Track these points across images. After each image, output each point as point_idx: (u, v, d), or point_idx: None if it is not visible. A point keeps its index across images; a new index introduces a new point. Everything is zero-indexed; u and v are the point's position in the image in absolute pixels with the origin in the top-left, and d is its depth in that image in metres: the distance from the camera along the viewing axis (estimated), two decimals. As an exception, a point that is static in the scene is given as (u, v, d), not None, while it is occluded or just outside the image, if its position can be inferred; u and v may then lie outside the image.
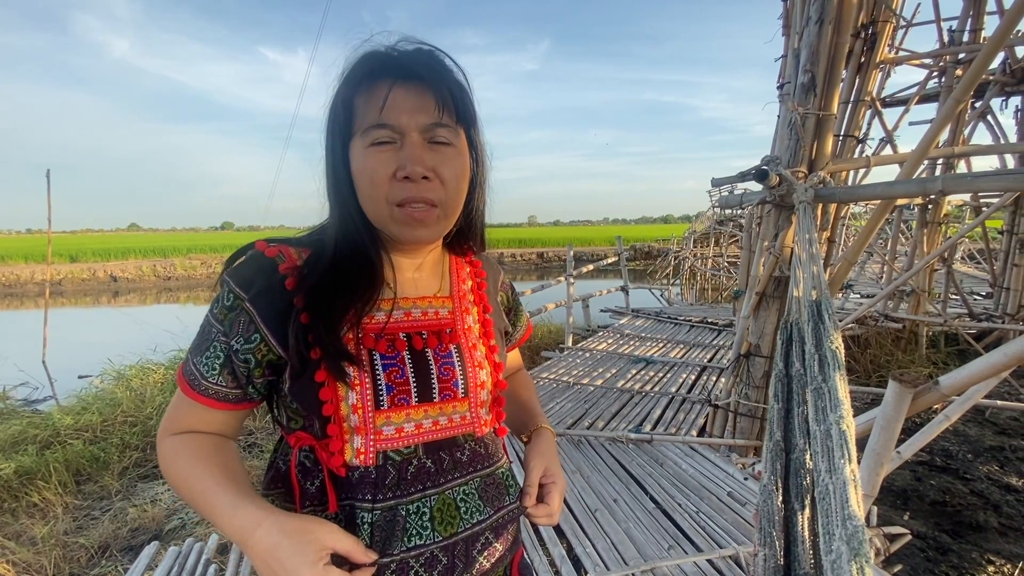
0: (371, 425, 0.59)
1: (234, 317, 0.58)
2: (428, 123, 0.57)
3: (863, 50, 3.83)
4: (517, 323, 0.85)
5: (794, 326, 1.36)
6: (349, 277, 0.60)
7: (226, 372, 0.59)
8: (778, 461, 1.09)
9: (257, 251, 0.60)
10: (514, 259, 31.75)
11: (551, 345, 6.21)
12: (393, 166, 0.57)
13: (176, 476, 0.58)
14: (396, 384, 0.60)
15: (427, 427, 0.62)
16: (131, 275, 21.88)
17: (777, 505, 1.00)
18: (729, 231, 11.88)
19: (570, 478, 2.56)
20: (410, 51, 0.59)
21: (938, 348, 5.62)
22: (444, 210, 0.60)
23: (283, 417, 0.63)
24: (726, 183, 3.06)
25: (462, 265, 0.75)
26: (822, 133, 2.46)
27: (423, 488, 0.61)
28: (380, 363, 0.60)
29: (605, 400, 3.87)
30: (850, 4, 2.41)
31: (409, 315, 0.65)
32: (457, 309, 0.69)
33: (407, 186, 0.57)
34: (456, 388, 0.64)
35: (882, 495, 2.86)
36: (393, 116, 0.56)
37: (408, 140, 0.57)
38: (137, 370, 4.62)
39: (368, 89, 0.58)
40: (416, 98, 0.57)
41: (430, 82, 0.58)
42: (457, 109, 0.59)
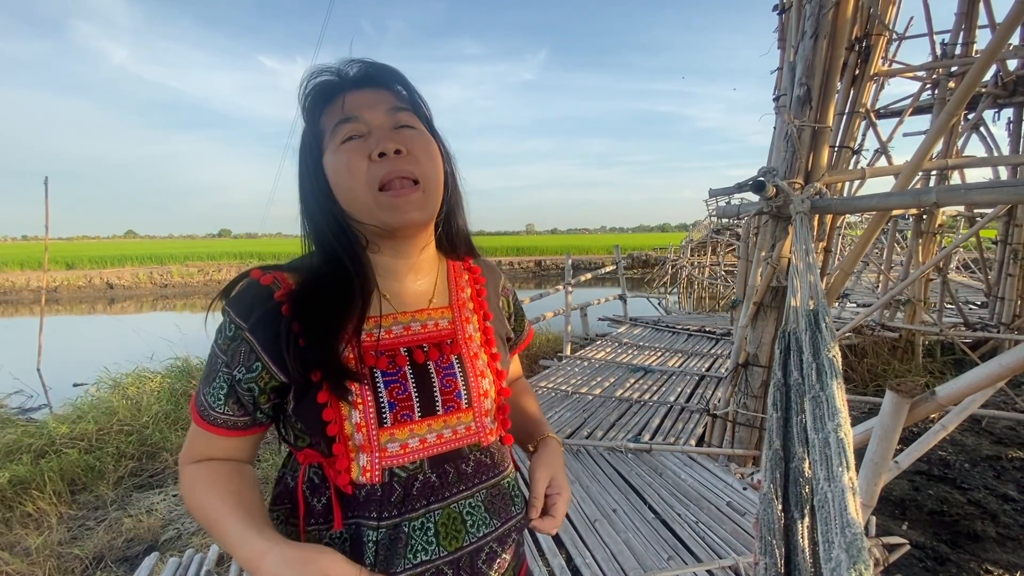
0: (376, 443, 0.59)
1: (235, 347, 0.59)
2: (389, 108, 0.61)
3: (857, 62, 3.89)
4: (518, 328, 0.84)
5: (792, 335, 1.37)
6: (339, 293, 0.60)
7: (231, 402, 0.60)
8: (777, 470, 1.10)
9: (253, 280, 0.61)
10: (512, 267, 31.77)
11: (549, 354, 6.20)
12: (367, 151, 0.59)
13: (194, 504, 0.59)
14: (398, 400, 0.61)
15: (432, 441, 0.63)
16: (127, 282, 21.80)
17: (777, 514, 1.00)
18: (726, 240, 11.94)
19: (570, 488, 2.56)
20: (355, 63, 0.64)
21: (934, 357, 5.65)
22: (425, 186, 0.61)
23: (290, 436, 0.64)
24: (724, 193, 3.08)
25: (460, 272, 0.75)
26: (818, 145, 2.49)
27: (427, 503, 0.62)
28: (381, 380, 0.60)
29: (604, 409, 3.87)
30: (844, 18, 2.45)
31: (408, 329, 0.65)
32: (457, 319, 0.69)
33: (384, 163, 0.59)
34: (459, 399, 0.65)
35: (880, 505, 2.86)
36: (355, 110, 0.61)
37: (375, 124, 0.61)
38: (133, 378, 4.60)
39: (328, 103, 0.62)
40: (372, 95, 0.62)
41: (379, 81, 0.63)
42: (412, 102, 0.65)
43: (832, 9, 2.39)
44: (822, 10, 2.37)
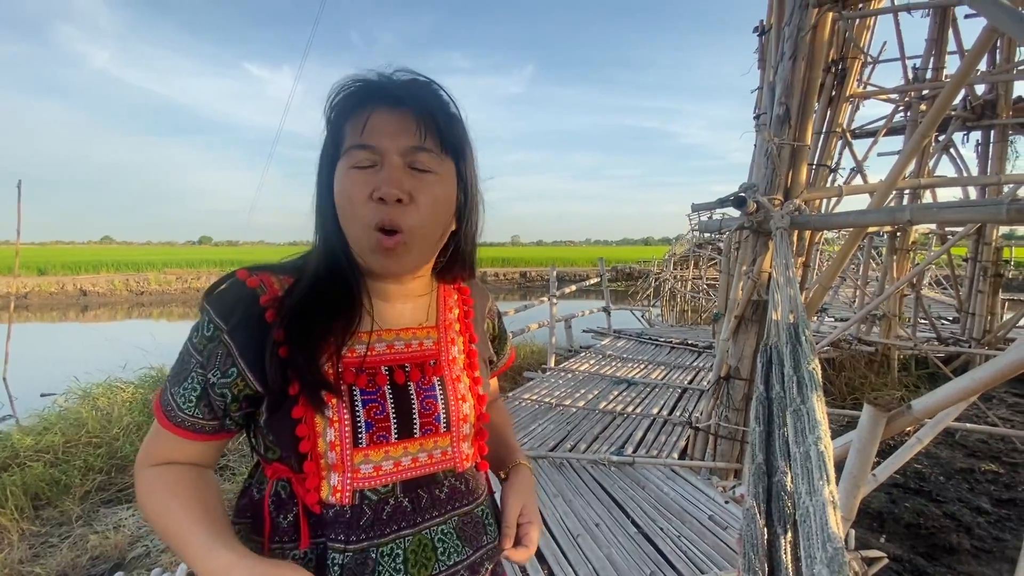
0: (349, 463, 0.57)
1: (212, 348, 0.56)
2: (409, 146, 0.56)
3: (834, 84, 4.02)
4: (501, 351, 0.83)
5: (773, 349, 1.38)
6: (329, 307, 0.59)
7: (203, 404, 0.57)
8: (760, 485, 1.10)
9: (239, 280, 0.59)
10: (497, 278, 31.78)
11: (534, 365, 6.19)
12: (370, 187, 0.56)
13: (151, 511, 0.56)
14: (376, 420, 0.59)
15: (406, 464, 0.61)
16: (102, 289, 21.23)
17: (760, 530, 1.00)
18: (708, 254, 12.12)
19: (552, 502, 2.53)
20: (401, 77, 0.59)
21: (909, 371, 5.77)
22: (415, 238, 0.58)
23: (260, 446, 0.62)
24: (706, 208, 3.13)
25: (450, 292, 0.73)
26: (797, 163, 2.55)
27: (398, 528, 0.59)
28: (360, 399, 0.58)
29: (587, 422, 3.86)
30: (821, 42, 2.53)
31: (392, 348, 0.63)
32: (442, 339, 0.68)
33: (380, 209, 0.56)
34: (438, 423, 0.63)
35: (859, 518, 2.88)
36: (374, 137, 0.56)
37: (387, 162, 0.56)
38: (104, 388, 4.45)
39: (354, 113, 0.57)
40: (398, 121, 0.56)
41: (414, 106, 0.57)
42: (443, 137, 0.58)
43: (809, 32, 2.47)
44: (800, 33, 2.44)
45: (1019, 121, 5.57)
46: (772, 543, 0.97)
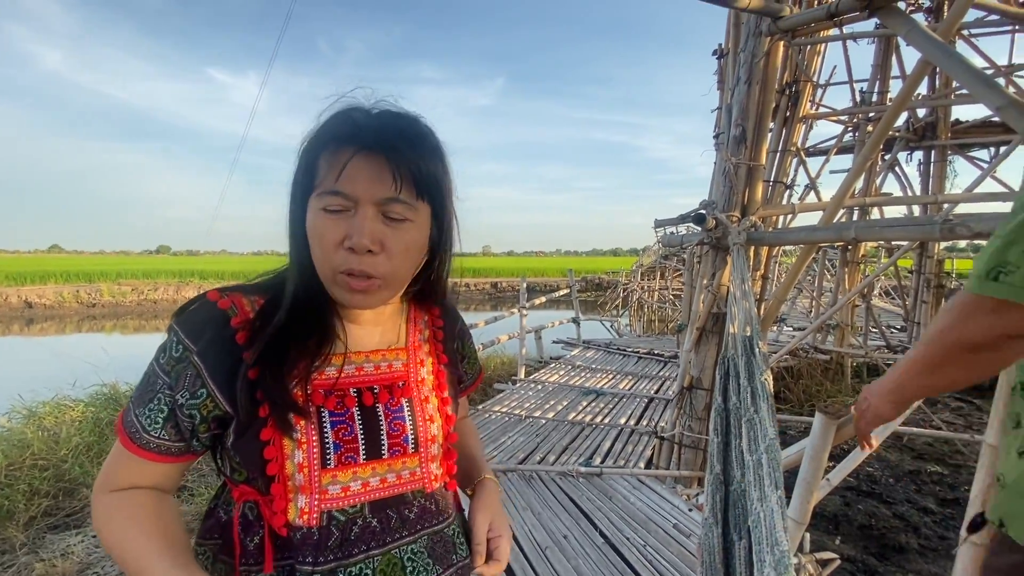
0: (317, 484, 0.58)
1: (181, 370, 0.56)
2: (383, 197, 0.56)
3: (788, 105, 4.23)
4: (470, 371, 0.84)
5: (731, 361, 1.44)
6: (301, 331, 0.59)
7: (170, 426, 0.57)
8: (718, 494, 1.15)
9: (209, 301, 0.59)
10: (468, 289, 31.67)
11: (504, 377, 6.20)
12: (342, 234, 0.56)
13: (110, 539, 0.55)
14: (344, 442, 0.60)
15: (374, 485, 0.62)
16: (49, 301, 20.10)
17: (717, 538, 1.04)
18: (673, 265, 12.43)
19: (520, 515, 2.54)
20: (385, 119, 0.58)
21: (861, 378, 6.05)
22: (386, 282, 0.59)
23: (227, 468, 0.62)
24: (668, 224, 3.23)
25: (420, 314, 0.74)
26: (753, 181, 2.67)
27: (367, 548, 0.60)
28: (328, 420, 0.59)
29: (556, 433, 3.89)
30: (774, 68, 2.67)
31: (361, 370, 0.64)
32: (411, 361, 0.69)
33: (351, 257, 0.56)
34: (406, 443, 0.64)
35: (815, 520, 3.00)
36: (348, 185, 0.55)
37: (360, 211, 0.56)
38: (51, 407, 4.22)
39: (332, 152, 0.57)
40: (375, 170, 0.56)
41: (393, 155, 0.56)
42: (419, 185, 0.58)
43: (763, 58, 2.61)
44: (754, 59, 2.58)
45: (957, 142, 5.98)
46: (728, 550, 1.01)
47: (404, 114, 0.61)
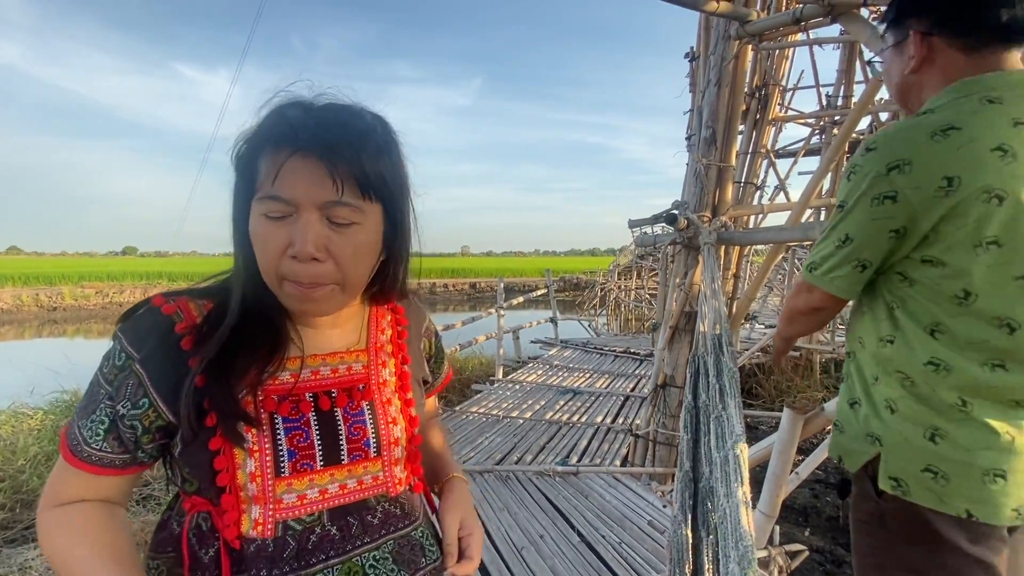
0: (271, 494, 0.56)
1: (123, 379, 0.54)
2: (325, 201, 0.52)
3: (758, 108, 4.33)
4: (437, 371, 0.82)
5: (701, 359, 1.46)
6: (252, 337, 0.57)
7: (111, 438, 0.54)
8: (687, 491, 1.16)
9: (154, 307, 0.56)
10: (446, 289, 31.51)
11: (482, 377, 6.18)
12: (285, 241, 0.53)
13: (55, 556, 0.53)
14: (299, 448, 0.58)
15: (333, 492, 0.60)
16: (7, 305, 19.26)
17: (685, 535, 1.05)
18: (649, 265, 12.60)
19: (497, 516, 2.54)
20: (324, 116, 0.54)
21: (829, 373, 6.23)
22: (341, 287, 0.57)
23: (178, 478, 0.59)
24: (641, 224, 3.27)
25: (383, 313, 0.71)
26: (723, 182, 2.72)
27: (326, 558, 0.58)
28: (282, 427, 0.57)
29: (534, 433, 3.90)
30: (743, 71, 2.73)
31: (317, 373, 0.62)
32: (372, 362, 0.67)
33: (296, 265, 0.53)
34: (368, 448, 0.62)
35: (785, 513, 3.07)
36: (287, 190, 0.52)
37: (302, 217, 0.52)
38: (8, 416, 4.03)
39: (270, 152, 0.53)
40: (314, 172, 0.52)
41: (332, 156, 0.52)
42: (364, 185, 0.54)
43: (732, 61, 2.66)
44: (723, 62, 2.63)
45: (916, 145, 6.18)
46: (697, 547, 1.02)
47: (347, 107, 0.56)
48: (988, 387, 0.80)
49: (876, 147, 0.83)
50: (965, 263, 0.78)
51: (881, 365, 0.89)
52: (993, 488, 0.78)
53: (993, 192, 0.74)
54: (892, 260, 0.86)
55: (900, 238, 0.82)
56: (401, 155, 0.60)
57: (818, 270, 0.92)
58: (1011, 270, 0.77)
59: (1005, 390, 0.80)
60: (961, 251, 0.78)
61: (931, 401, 0.83)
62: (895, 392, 0.87)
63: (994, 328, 0.79)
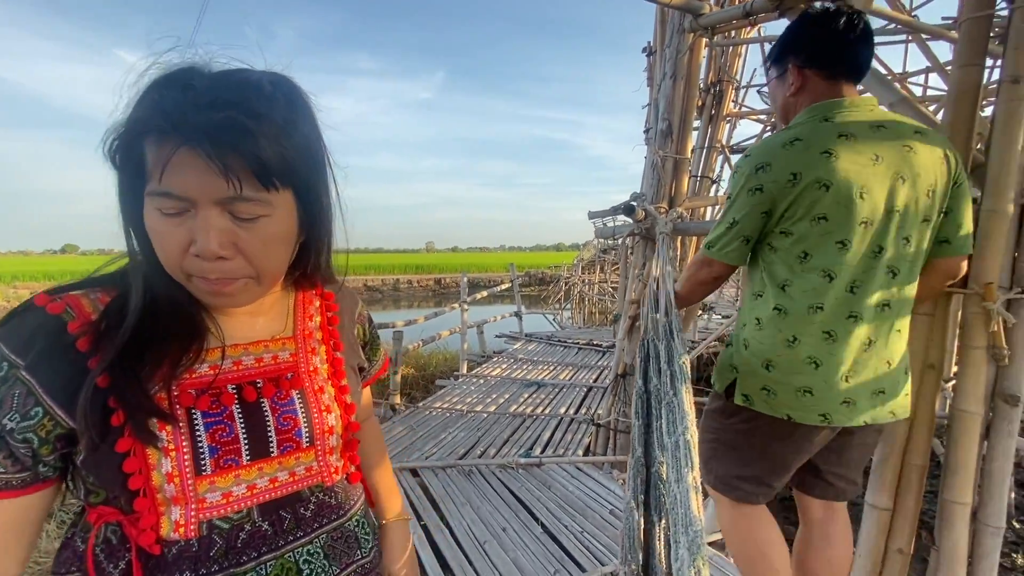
0: (192, 494, 0.52)
1: (6, 390, 0.48)
2: (224, 197, 0.47)
3: (713, 104, 4.44)
4: (373, 358, 0.79)
5: (651, 343, 1.47)
6: (162, 329, 0.52)
7: (2, 456, 0.48)
8: (639, 477, 1.16)
9: (37, 307, 0.50)
10: (411, 285, 31.14)
11: (446, 373, 6.13)
12: (185, 238, 0.48)
13: None
14: (222, 444, 0.53)
15: (262, 486, 0.56)
16: (-71, 308, 17.78)
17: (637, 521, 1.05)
18: (612, 259, 12.79)
19: (460, 511, 2.51)
20: (210, 96, 0.45)
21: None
22: (255, 279, 0.52)
23: (81, 490, 0.54)
24: (601, 216, 3.30)
25: (311, 299, 0.68)
26: (679, 174, 2.77)
27: (258, 555, 0.55)
28: (202, 422, 0.53)
29: (498, 426, 3.89)
30: (697, 64, 2.78)
31: (239, 364, 0.57)
32: (301, 350, 0.63)
33: (203, 264, 0.48)
34: (299, 438, 0.59)
35: (741, 497, 3.18)
36: (178, 185, 0.45)
37: (200, 213, 0.47)
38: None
39: (153, 143, 0.46)
40: (207, 167, 0.45)
41: (225, 148, 0.45)
42: (265, 175, 0.47)
43: (687, 54, 2.70)
44: (678, 55, 2.67)
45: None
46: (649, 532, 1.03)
47: (241, 79, 0.48)
48: (809, 323, 1.10)
49: (750, 155, 1.15)
50: (805, 232, 1.08)
51: (748, 314, 1.20)
52: (804, 400, 1.11)
53: (822, 182, 1.04)
54: (764, 234, 1.15)
55: (768, 217, 1.12)
56: (313, 126, 0.53)
57: (715, 247, 1.20)
58: (834, 236, 1.07)
59: (821, 324, 1.10)
60: (803, 223, 1.08)
61: (770, 339, 1.14)
62: (750, 333, 1.18)
63: (821, 278, 1.09)
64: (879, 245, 1.07)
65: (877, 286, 1.09)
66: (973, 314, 1.24)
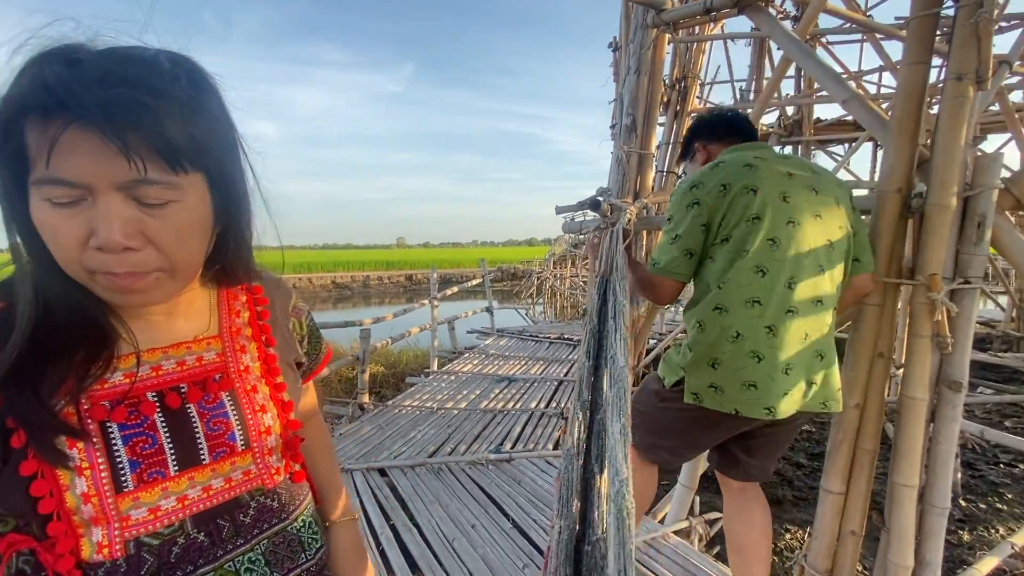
0: (113, 512, 0.48)
1: None
2: (126, 180, 0.42)
3: (678, 100, 4.49)
4: (313, 352, 0.74)
5: (607, 282, 1.46)
6: (63, 338, 0.47)
7: None
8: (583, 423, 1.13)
9: None
10: (381, 282, 30.68)
11: (416, 370, 6.07)
12: (83, 231, 0.42)
13: None
14: (144, 456, 0.49)
15: (195, 497, 0.52)
16: None
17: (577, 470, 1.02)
18: (583, 253, 12.91)
19: (428, 509, 2.49)
20: (104, 69, 0.41)
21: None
22: (169, 273, 0.48)
23: None
24: (567, 211, 3.30)
25: (236, 294, 0.63)
26: (644, 169, 2.79)
27: (194, 568, 0.52)
28: (119, 435, 0.48)
29: (468, 423, 3.87)
30: (660, 59, 2.80)
31: (159, 369, 0.53)
32: (229, 349, 0.59)
33: (106, 258, 0.43)
34: (234, 442, 0.55)
35: (705, 483, 3.24)
36: (71, 170, 0.41)
37: (99, 200, 0.42)
38: None
39: (36, 123, 0.40)
40: (103, 148, 0.40)
41: (124, 126, 0.40)
42: (173, 156, 0.43)
43: (650, 49, 2.72)
44: (642, 50, 2.68)
45: (818, 138, 6.73)
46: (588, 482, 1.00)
47: (135, 57, 0.43)
48: (749, 318, 1.19)
49: (687, 181, 1.30)
50: (742, 234, 1.20)
51: (690, 320, 1.31)
52: (749, 394, 1.18)
53: (749, 187, 1.20)
54: (705, 247, 1.27)
55: (707, 231, 1.25)
56: (222, 107, 0.49)
57: (660, 263, 1.29)
58: (765, 235, 1.19)
59: (760, 319, 1.18)
60: (740, 227, 1.21)
61: (714, 337, 1.22)
62: (693, 338, 1.28)
63: (755, 274, 1.19)
64: (807, 244, 1.21)
65: (810, 282, 1.22)
66: (919, 304, 1.29)
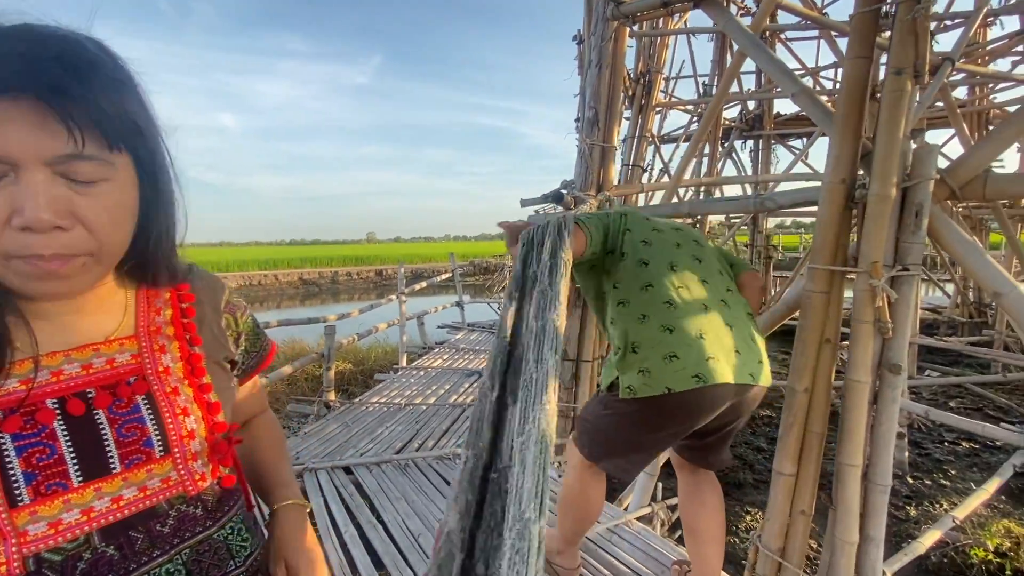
0: (8, 528, 0.45)
1: None
2: (57, 155, 0.42)
3: (643, 94, 4.54)
4: (253, 349, 0.71)
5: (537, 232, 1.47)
6: None
7: None
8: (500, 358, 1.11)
9: None
10: (351, 278, 30.13)
11: (385, 366, 5.99)
12: (5, 210, 0.41)
13: None
14: (42, 468, 0.47)
15: (102, 508, 0.49)
16: None
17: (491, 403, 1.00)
18: (554, 247, 13.00)
19: (394, 506, 2.46)
20: (27, 40, 0.41)
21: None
22: (95, 257, 0.47)
23: None
24: (532, 204, 3.31)
25: (156, 292, 0.60)
26: (606, 162, 2.82)
27: None
28: (11, 447, 0.46)
29: (437, 418, 3.85)
30: (621, 53, 2.82)
31: (60, 374, 0.50)
32: (146, 350, 0.56)
33: (31, 239, 0.42)
34: (151, 448, 0.52)
35: (666, 469, 3.33)
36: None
37: (25, 176, 0.41)
38: None
39: None
40: (36, 120, 0.40)
41: (64, 97, 0.40)
42: (110, 131, 0.43)
43: (611, 43, 2.74)
44: (603, 41, 2.70)
45: (778, 132, 6.94)
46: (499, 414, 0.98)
47: (56, 34, 0.43)
48: (647, 299, 1.36)
49: None
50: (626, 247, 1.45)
51: (610, 328, 1.43)
52: (674, 365, 1.28)
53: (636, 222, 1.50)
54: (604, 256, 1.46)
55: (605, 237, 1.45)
56: (143, 91, 0.49)
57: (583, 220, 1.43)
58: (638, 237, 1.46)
59: (657, 296, 1.35)
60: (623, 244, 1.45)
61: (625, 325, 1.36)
62: (612, 341, 1.41)
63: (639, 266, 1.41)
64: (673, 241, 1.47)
65: (688, 264, 1.43)
66: (861, 291, 1.34)
